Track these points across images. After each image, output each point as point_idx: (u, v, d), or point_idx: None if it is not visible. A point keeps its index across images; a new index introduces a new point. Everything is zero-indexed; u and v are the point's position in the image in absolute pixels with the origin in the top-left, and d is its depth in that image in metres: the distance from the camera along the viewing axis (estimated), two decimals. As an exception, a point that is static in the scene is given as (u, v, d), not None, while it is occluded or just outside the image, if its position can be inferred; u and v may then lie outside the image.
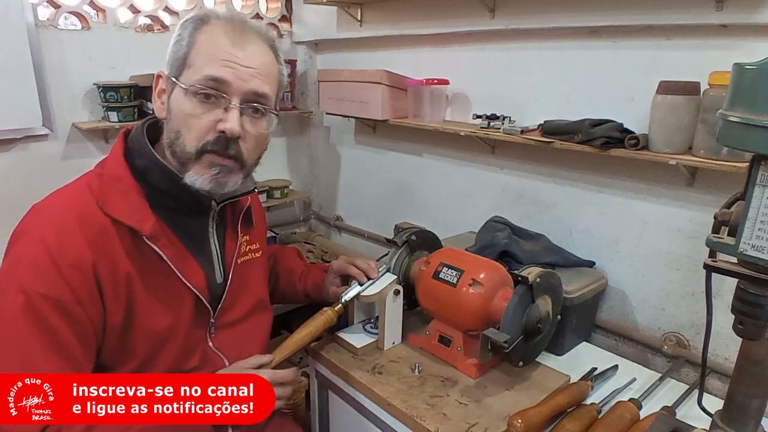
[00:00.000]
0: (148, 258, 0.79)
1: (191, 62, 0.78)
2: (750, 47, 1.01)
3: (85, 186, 0.80)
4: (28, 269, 0.72)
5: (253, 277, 0.98)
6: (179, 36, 0.80)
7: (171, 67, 0.80)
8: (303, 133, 2.21)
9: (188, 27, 0.79)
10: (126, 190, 0.79)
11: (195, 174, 0.79)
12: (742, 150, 0.66)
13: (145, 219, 0.78)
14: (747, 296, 0.65)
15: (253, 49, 0.79)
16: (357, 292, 1.06)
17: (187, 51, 0.78)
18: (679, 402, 1.00)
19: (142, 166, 0.82)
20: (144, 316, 0.80)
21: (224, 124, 0.77)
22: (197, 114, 0.77)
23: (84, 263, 0.73)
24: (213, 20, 0.79)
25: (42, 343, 0.71)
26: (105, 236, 0.76)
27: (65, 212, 0.76)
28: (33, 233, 0.74)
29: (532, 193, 1.45)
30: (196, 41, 0.78)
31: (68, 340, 0.73)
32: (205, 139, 0.78)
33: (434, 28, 1.55)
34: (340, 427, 1.17)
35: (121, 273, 0.77)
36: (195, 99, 0.77)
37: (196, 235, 0.88)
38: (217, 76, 0.76)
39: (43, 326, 0.71)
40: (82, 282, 0.73)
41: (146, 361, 0.81)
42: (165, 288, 0.82)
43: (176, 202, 0.83)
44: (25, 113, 1.47)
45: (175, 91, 0.79)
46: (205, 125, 0.78)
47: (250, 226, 0.99)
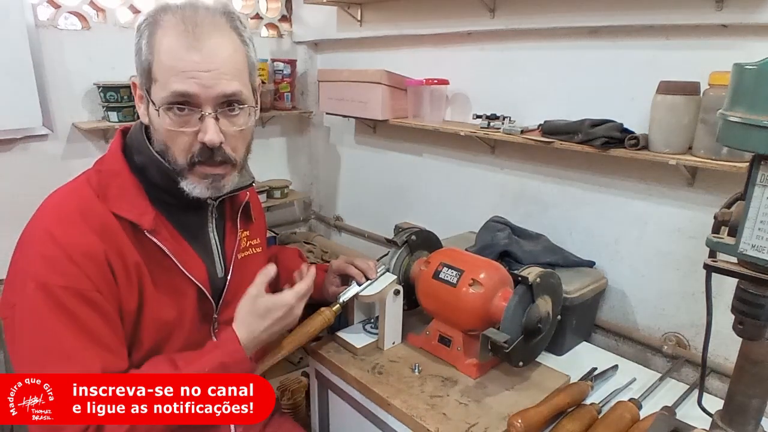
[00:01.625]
0: (151, 252, 0.80)
1: (155, 76, 0.76)
2: (750, 47, 1.01)
3: (85, 181, 0.80)
4: (42, 264, 0.72)
5: (253, 273, 0.97)
6: (138, 45, 0.77)
7: (140, 77, 0.79)
8: (303, 133, 2.21)
9: (144, 33, 0.76)
10: (125, 185, 0.79)
11: (191, 184, 0.80)
12: (742, 150, 0.66)
13: (145, 213, 0.79)
14: (747, 296, 0.65)
15: (210, 46, 0.75)
16: (355, 293, 1.06)
17: (150, 62, 0.76)
18: (679, 402, 1.00)
19: (140, 163, 0.82)
20: (152, 307, 0.80)
21: (203, 135, 0.76)
22: (176, 128, 0.77)
23: (95, 252, 0.73)
24: (164, 20, 0.75)
25: (74, 333, 0.71)
26: (109, 228, 0.76)
27: (67, 206, 0.76)
28: (39, 229, 0.75)
29: (532, 193, 1.45)
30: (153, 49, 0.75)
31: (97, 326, 0.73)
32: (191, 151, 0.78)
33: (434, 28, 1.55)
34: (340, 427, 1.17)
35: (131, 262, 0.77)
36: (169, 114, 0.76)
37: (195, 230, 0.89)
38: (183, 91, 0.74)
39: (70, 316, 0.71)
40: (97, 270, 0.73)
41: (150, 352, 0.82)
42: (168, 281, 0.82)
43: (174, 198, 0.83)
44: (25, 113, 1.47)
45: (151, 107, 0.78)
46: (187, 139, 0.77)
47: (249, 221, 0.99)
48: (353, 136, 2.02)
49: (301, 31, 2.05)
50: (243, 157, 0.85)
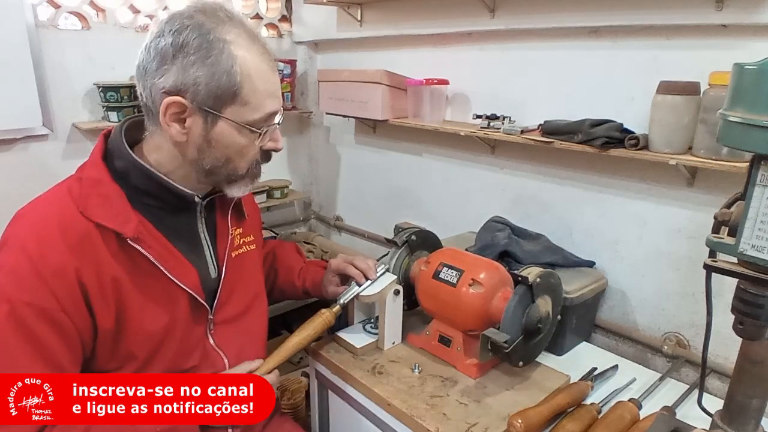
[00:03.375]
0: (136, 260, 0.78)
1: (247, 99, 0.76)
2: (750, 47, 1.01)
3: (66, 191, 0.78)
4: (10, 278, 0.71)
5: (248, 270, 0.97)
6: (212, 61, 0.72)
7: (209, 97, 0.74)
8: (303, 133, 2.21)
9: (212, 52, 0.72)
10: (106, 194, 0.77)
11: (240, 187, 0.85)
12: (742, 150, 0.66)
13: (127, 221, 0.76)
14: (747, 296, 0.65)
15: (275, 64, 0.82)
16: (354, 294, 1.06)
17: (237, 85, 0.74)
18: (679, 402, 1.00)
19: (120, 168, 0.80)
20: (137, 319, 0.78)
21: (275, 144, 0.84)
22: (252, 143, 0.81)
23: (66, 270, 0.72)
24: (231, 37, 0.74)
25: (27, 351, 0.70)
26: (88, 241, 0.74)
27: (46, 219, 0.74)
28: (14, 241, 0.73)
29: (532, 193, 1.45)
30: (242, 71, 0.74)
31: (54, 347, 0.72)
32: (256, 159, 0.84)
33: (434, 28, 1.55)
34: (340, 427, 1.17)
35: (107, 278, 0.75)
36: (253, 133, 0.80)
37: (184, 233, 0.87)
38: (276, 111, 0.80)
39: (29, 335, 0.70)
40: (65, 289, 0.72)
41: (145, 362, 0.81)
42: (156, 289, 0.81)
43: (159, 201, 0.82)
44: (25, 113, 1.47)
45: (222, 124, 0.77)
46: (255, 150, 0.82)
47: (242, 218, 0.98)
48: (353, 136, 2.02)
49: (301, 31, 2.05)
50: None
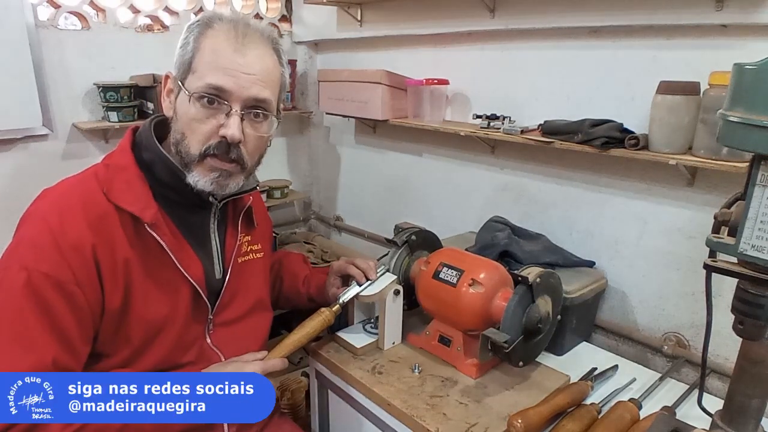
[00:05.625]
0: (149, 246, 0.81)
1: (195, 68, 0.80)
2: (750, 47, 1.01)
3: (92, 174, 0.82)
4: (30, 248, 0.74)
5: (253, 277, 0.99)
6: (185, 40, 0.82)
7: (178, 70, 0.83)
8: (303, 133, 2.21)
9: (194, 31, 0.81)
10: (130, 179, 0.82)
11: (197, 175, 0.82)
12: (742, 150, 0.66)
13: (147, 207, 0.80)
14: (747, 296, 0.65)
15: (254, 55, 0.81)
16: (355, 293, 1.06)
17: (192, 56, 0.81)
18: (679, 402, 1.00)
19: (147, 159, 0.84)
20: (141, 304, 0.81)
21: (225, 129, 0.80)
22: (200, 119, 0.80)
23: (84, 245, 0.75)
24: (217, 25, 0.81)
25: (40, 321, 0.72)
26: (106, 221, 0.78)
27: (70, 196, 0.79)
28: (37, 214, 0.78)
29: (532, 193, 1.45)
30: (200, 47, 0.80)
31: (66, 320, 0.74)
32: (208, 143, 0.81)
33: (434, 28, 1.55)
34: (340, 427, 1.17)
35: (120, 258, 0.78)
36: (198, 104, 0.80)
37: (197, 229, 0.90)
38: (218, 85, 0.79)
39: (43, 305, 0.73)
40: (81, 264, 0.75)
41: (139, 349, 0.82)
42: (163, 277, 0.83)
43: (179, 195, 0.85)
44: (25, 113, 1.47)
45: (181, 94, 0.82)
46: (207, 130, 0.81)
47: (251, 226, 1.00)
48: (353, 136, 2.02)
49: (301, 31, 2.05)
50: (254, 163, 0.88)
